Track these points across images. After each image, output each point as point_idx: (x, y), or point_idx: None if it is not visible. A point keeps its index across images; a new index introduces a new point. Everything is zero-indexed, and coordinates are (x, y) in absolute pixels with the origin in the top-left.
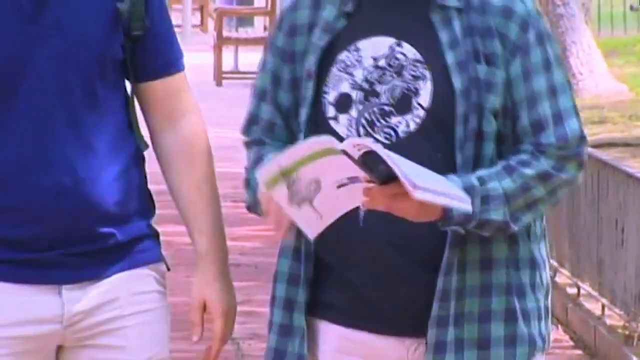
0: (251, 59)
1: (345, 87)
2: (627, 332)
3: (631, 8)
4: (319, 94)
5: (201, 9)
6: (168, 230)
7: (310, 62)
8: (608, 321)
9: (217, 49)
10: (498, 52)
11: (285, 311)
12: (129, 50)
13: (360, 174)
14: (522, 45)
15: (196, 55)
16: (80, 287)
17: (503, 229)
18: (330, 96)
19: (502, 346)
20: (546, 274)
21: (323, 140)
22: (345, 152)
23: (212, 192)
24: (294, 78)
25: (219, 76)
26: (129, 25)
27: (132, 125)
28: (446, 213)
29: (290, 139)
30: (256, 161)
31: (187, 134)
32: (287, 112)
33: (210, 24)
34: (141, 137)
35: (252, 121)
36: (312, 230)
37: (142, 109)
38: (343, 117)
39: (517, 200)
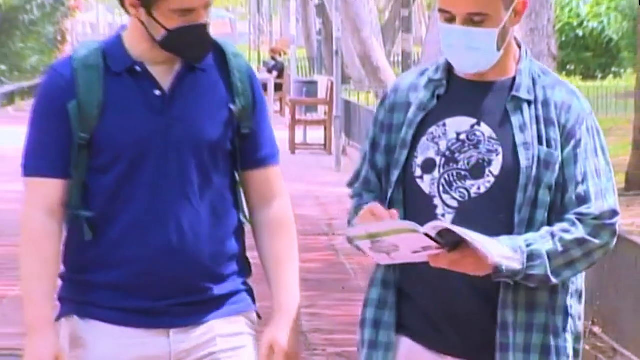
0: (315, 134)
1: (431, 154)
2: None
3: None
4: (409, 158)
5: (280, 99)
6: None
7: (407, 134)
8: None
9: (291, 128)
10: (556, 138)
11: (373, 329)
12: (237, 144)
13: (432, 245)
14: (575, 134)
15: (276, 132)
16: (184, 330)
17: (545, 282)
18: (419, 160)
19: None
20: (579, 323)
21: (408, 224)
22: (426, 234)
23: (293, 257)
24: (389, 145)
25: (293, 147)
26: (239, 124)
27: (237, 203)
28: (497, 268)
29: (382, 193)
30: (355, 210)
31: (276, 213)
32: (380, 171)
33: (286, 110)
34: (244, 213)
35: (355, 178)
36: (382, 262)
37: (243, 190)
38: (427, 177)
39: (557, 259)
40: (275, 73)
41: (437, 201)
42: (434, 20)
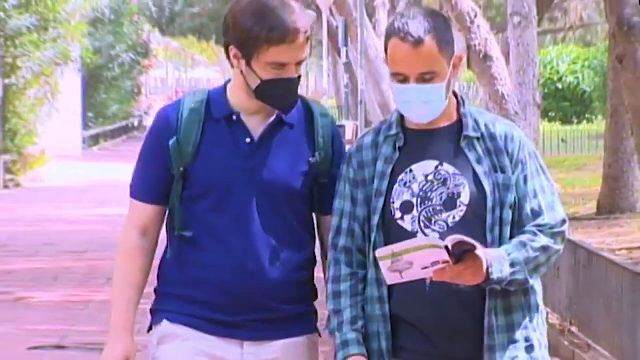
0: None
1: (407, 197)
2: (561, 328)
3: (562, 140)
4: (386, 205)
5: None
6: None
7: (381, 185)
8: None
9: None
10: (508, 164)
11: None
12: (315, 192)
13: (440, 259)
14: (521, 159)
15: None
16: (256, 344)
17: (524, 284)
18: (396, 204)
19: None
20: (544, 317)
21: (431, 240)
22: (446, 247)
23: None
24: (366, 197)
25: None
26: (317, 174)
27: (311, 239)
28: (488, 277)
29: (364, 239)
30: (334, 280)
31: None
32: (362, 221)
33: None
34: (314, 249)
35: (337, 233)
36: (391, 281)
37: (318, 230)
38: (407, 217)
39: (530, 265)
40: None
41: (420, 236)
42: None
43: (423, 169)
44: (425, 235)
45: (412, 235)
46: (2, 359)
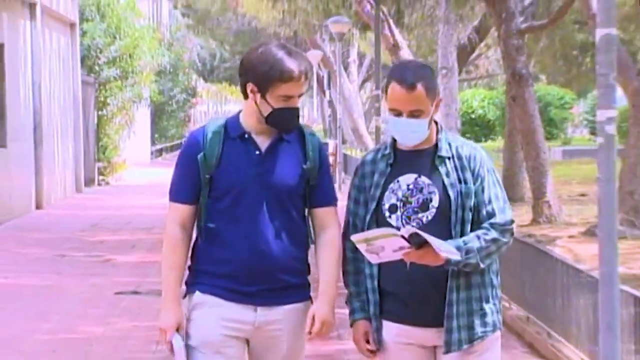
0: None
1: (393, 200)
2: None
3: None
4: (378, 206)
5: None
6: None
7: (375, 192)
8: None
9: None
10: (469, 178)
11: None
12: (307, 191)
13: (405, 245)
14: (480, 174)
15: None
16: (267, 309)
17: (476, 267)
18: (386, 206)
19: (481, 326)
20: (499, 291)
21: (392, 230)
22: (402, 236)
23: (337, 265)
24: (365, 200)
25: None
26: (308, 178)
27: (306, 228)
28: (447, 260)
29: (362, 230)
30: (344, 262)
31: (329, 236)
32: (362, 218)
33: None
34: (310, 235)
35: (347, 226)
36: (373, 260)
37: (311, 220)
38: (394, 216)
39: (482, 252)
40: None
41: (402, 230)
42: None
43: (406, 180)
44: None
45: (397, 228)
46: (97, 300)
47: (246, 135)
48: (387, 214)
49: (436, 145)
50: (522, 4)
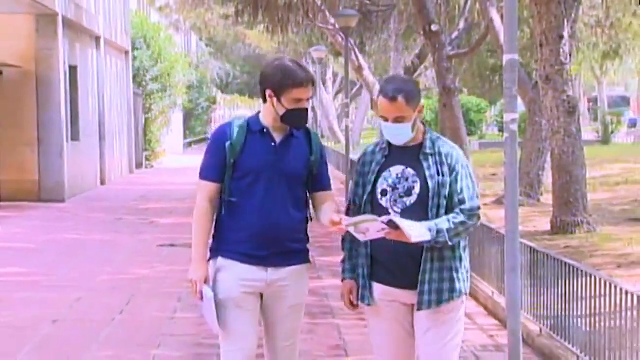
0: None
1: (384, 186)
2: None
3: None
4: (373, 190)
5: None
6: None
7: (371, 178)
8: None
9: None
10: (446, 171)
11: (362, 279)
12: (310, 179)
13: (385, 228)
14: (455, 168)
15: None
16: (276, 269)
17: (446, 244)
18: (378, 190)
19: (449, 292)
20: (468, 263)
21: (373, 217)
22: (382, 221)
23: (335, 208)
24: (364, 184)
25: None
26: (312, 168)
27: (307, 206)
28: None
29: (361, 210)
30: (348, 253)
31: (329, 202)
32: (361, 197)
33: None
34: (310, 214)
35: (349, 203)
36: (361, 238)
37: (312, 203)
38: (384, 199)
39: (451, 232)
40: None
41: (390, 210)
42: (358, 113)
43: (396, 170)
44: (393, 210)
45: (386, 209)
46: (144, 251)
47: (265, 130)
48: (379, 196)
49: (422, 143)
50: (450, 37)
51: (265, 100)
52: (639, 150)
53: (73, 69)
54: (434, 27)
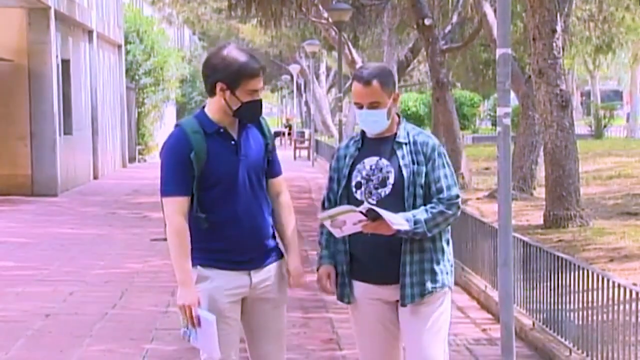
0: (304, 153)
1: (359, 178)
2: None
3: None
4: (348, 183)
5: (290, 139)
6: None
7: (345, 171)
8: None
9: (294, 150)
10: (422, 160)
11: (342, 277)
12: (267, 164)
13: (363, 219)
14: (431, 157)
15: (287, 152)
16: (257, 271)
17: (425, 235)
18: (353, 182)
19: (431, 283)
20: (451, 257)
21: (350, 207)
22: (360, 211)
23: (293, 224)
24: (338, 178)
25: (294, 157)
26: (267, 155)
27: (268, 197)
28: (398, 230)
29: (336, 204)
30: (325, 240)
31: (286, 199)
32: (335, 192)
33: (292, 143)
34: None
35: (324, 199)
36: (337, 234)
37: (268, 190)
38: (359, 191)
39: (430, 223)
40: (288, 129)
41: (365, 203)
42: (351, 107)
43: (369, 162)
44: (368, 202)
45: (360, 202)
46: (137, 245)
47: (221, 130)
48: (354, 189)
49: (395, 133)
50: (443, 31)
51: (213, 94)
52: (631, 144)
53: (65, 63)
54: (427, 21)
